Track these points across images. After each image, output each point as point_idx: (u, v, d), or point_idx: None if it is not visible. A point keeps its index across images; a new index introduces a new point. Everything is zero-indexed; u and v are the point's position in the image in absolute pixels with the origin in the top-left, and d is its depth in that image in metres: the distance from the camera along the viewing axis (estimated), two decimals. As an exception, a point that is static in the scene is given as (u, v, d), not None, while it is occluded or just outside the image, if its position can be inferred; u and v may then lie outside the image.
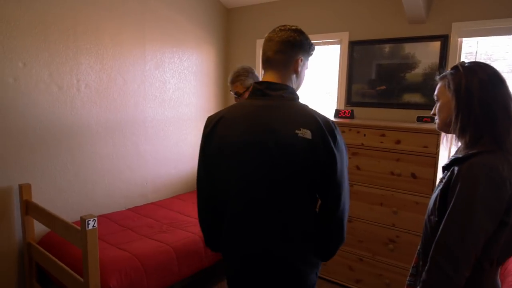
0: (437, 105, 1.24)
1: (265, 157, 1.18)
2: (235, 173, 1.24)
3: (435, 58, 2.78)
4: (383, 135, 2.60)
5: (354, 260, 2.82)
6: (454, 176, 1.09)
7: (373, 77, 3.09)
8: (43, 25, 2.49)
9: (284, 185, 1.19)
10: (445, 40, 2.72)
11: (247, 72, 2.19)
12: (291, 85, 1.27)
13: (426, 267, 1.10)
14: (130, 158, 3.17)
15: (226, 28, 3.99)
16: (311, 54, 1.34)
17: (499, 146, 1.07)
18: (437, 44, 2.77)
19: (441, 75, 1.22)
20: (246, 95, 1.93)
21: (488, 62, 2.31)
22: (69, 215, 2.73)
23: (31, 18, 2.42)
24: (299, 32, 1.27)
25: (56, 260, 2.15)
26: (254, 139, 1.20)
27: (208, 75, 3.84)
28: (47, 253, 2.26)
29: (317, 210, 1.28)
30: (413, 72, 2.89)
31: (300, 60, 1.27)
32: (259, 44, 3.75)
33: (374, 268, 2.72)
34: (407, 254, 2.56)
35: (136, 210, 3.08)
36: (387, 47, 2.99)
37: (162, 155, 3.46)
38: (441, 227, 1.08)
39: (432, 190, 2.44)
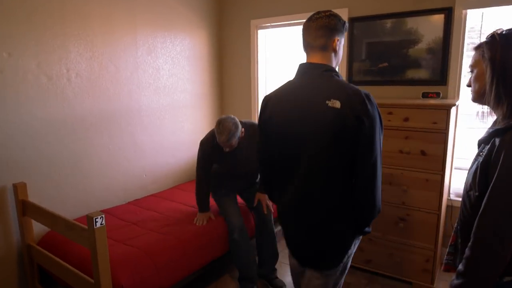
0: (472, 75, 1.20)
1: (306, 131, 1.37)
2: (280, 145, 1.48)
3: (439, 32, 2.71)
4: (390, 113, 2.54)
5: (364, 241, 2.79)
6: (496, 148, 1.05)
7: (375, 54, 3.00)
8: (27, 11, 2.30)
9: (320, 154, 1.36)
10: (449, 13, 2.65)
11: (236, 126, 2.34)
12: (330, 63, 1.44)
13: (470, 243, 1.08)
14: (127, 149, 3.04)
15: (219, 9, 3.82)
16: (345, 31, 1.49)
17: None
18: (440, 17, 2.69)
19: (477, 44, 1.17)
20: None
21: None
22: (69, 213, 2.61)
23: (14, 4, 2.23)
24: (333, 16, 1.42)
25: (61, 261, 2.05)
26: (295, 113, 1.41)
27: (201, 60, 3.69)
28: (50, 254, 2.15)
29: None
30: (416, 47, 2.82)
31: (336, 40, 1.43)
32: (253, 25, 3.61)
33: (385, 248, 2.70)
34: (417, 232, 2.54)
35: (137, 203, 2.98)
36: (388, 23, 2.91)
37: (159, 144, 3.33)
38: (485, 201, 1.05)
39: (443, 167, 2.41)
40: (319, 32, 1.41)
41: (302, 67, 1.48)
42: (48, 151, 2.50)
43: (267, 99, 1.55)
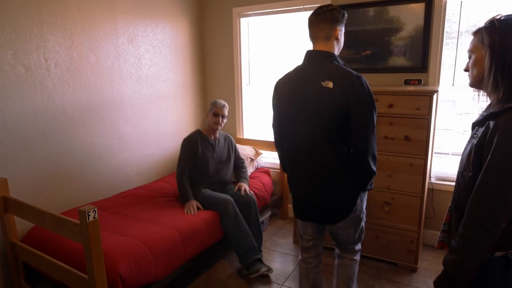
0: (470, 60, 1.21)
1: (305, 107, 1.63)
2: (288, 119, 1.73)
3: (419, 21, 2.78)
4: (375, 100, 2.58)
5: (350, 225, 2.87)
6: (490, 131, 1.09)
7: (358, 42, 3.05)
8: (0, -3, 2.17)
9: (320, 127, 1.60)
10: (429, 1, 2.71)
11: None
12: (333, 50, 1.68)
13: (463, 221, 1.12)
14: (110, 142, 2.96)
15: (198, -3, 3.75)
16: (345, 21, 1.70)
17: None
18: (421, 6, 2.76)
19: (475, 30, 1.18)
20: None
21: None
22: (51, 208, 2.52)
23: (-15, -11, 2.11)
24: (334, 9, 1.64)
25: (51, 258, 1.98)
26: (298, 92, 1.67)
27: (184, 49, 3.62)
28: (37, 251, 2.07)
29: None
30: (398, 35, 2.88)
31: (338, 30, 1.66)
32: (236, 12, 3.57)
33: (371, 231, 2.78)
34: (402, 214, 2.64)
35: (124, 196, 2.92)
36: (371, 11, 2.95)
37: (143, 135, 3.27)
38: (478, 181, 1.09)
39: (426, 151, 2.50)
40: (322, 25, 1.64)
41: (308, 54, 1.71)
42: (28, 144, 2.40)
43: (278, 82, 1.79)
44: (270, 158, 3.74)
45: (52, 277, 2.11)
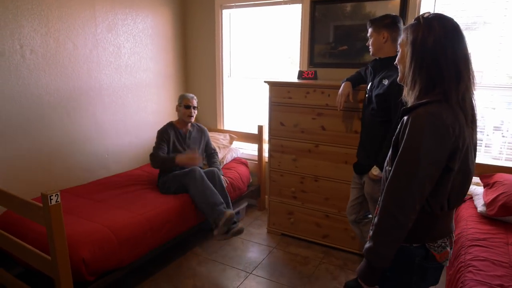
0: (398, 55, 1.23)
1: None
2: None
3: (395, 17, 2.80)
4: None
5: (321, 217, 2.93)
6: (402, 126, 1.13)
7: (335, 37, 3.08)
8: (-27, -18, 2.19)
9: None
10: (404, -2, 2.74)
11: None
12: None
13: (378, 211, 1.17)
14: (88, 129, 2.99)
15: (182, -13, 3.75)
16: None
17: (445, 98, 1.09)
18: (396, 3, 2.79)
19: (405, 26, 1.20)
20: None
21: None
22: (27, 194, 2.56)
23: (-43, -27, 2.12)
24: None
25: (18, 240, 2.03)
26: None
27: (165, 39, 3.64)
28: (6, 234, 2.12)
29: None
30: (374, 31, 2.91)
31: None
32: (218, 4, 3.58)
33: (340, 223, 2.85)
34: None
35: (100, 183, 2.96)
36: (348, 6, 2.97)
37: (122, 124, 3.30)
38: (390, 174, 1.14)
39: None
40: None
41: None
42: (2, 131, 2.43)
43: None
44: (250, 150, 3.79)
45: (22, 261, 2.16)
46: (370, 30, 2.19)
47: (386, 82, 2.07)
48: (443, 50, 1.08)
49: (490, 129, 2.73)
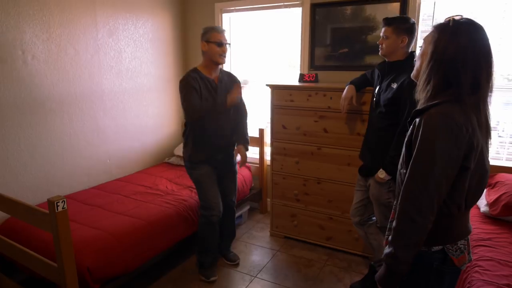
0: (420, 51, 1.23)
1: None
2: None
3: (395, 19, 2.82)
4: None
5: (324, 219, 2.94)
6: (415, 128, 1.13)
7: (335, 40, 3.10)
8: (-25, -12, 2.18)
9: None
10: (404, 1, 2.76)
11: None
12: None
13: (396, 215, 1.17)
14: (89, 134, 2.99)
15: (181, -9, 3.76)
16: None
17: (456, 99, 1.10)
18: (397, 6, 2.81)
19: (437, 24, 1.18)
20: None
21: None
22: (29, 200, 2.55)
23: (-41, -20, 2.11)
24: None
25: (23, 247, 2.02)
26: None
27: (165, 43, 3.64)
28: (11, 241, 2.10)
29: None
30: (374, 34, 2.93)
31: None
32: (218, 8, 3.59)
33: (344, 225, 2.86)
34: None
35: (102, 188, 2.95)
36: (348, 9, 2.99)
37: (123, 128, 3.29)
38: (406, 177, 1.14)
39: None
40: None
41: None
42: (4, 136, 2.42)
43: None
44: (251, 153, 3.78)
45: (25, 267, 2.14)
46: (388, 29, 2.09)
47: (394, 85, 2.07)
48: (465, 58, 1.08)
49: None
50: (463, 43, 1.09)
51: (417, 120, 1.13)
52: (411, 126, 1.17)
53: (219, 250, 2.79)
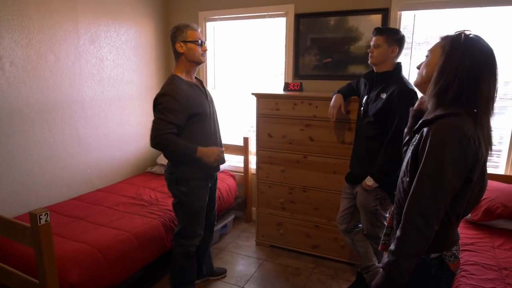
0: (426, 60, 1.25)
1: None
2: None
3: (377, 31, 2.90)
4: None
5: (310, 227, 2.95)
6: (423, 138, 1.15)
7: (319, 50, 3.15)
8: (-50, -9, 2.08)
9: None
10: (386, 13, 2.85)
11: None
12: None
13: (401, 224, 1.17)
14: (69, 143, 2.89)
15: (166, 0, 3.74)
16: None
17: (465, 111, 1.12)
18: (378, 17, 2.89)
19: (445, 35, 1.21)
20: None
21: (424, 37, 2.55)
22: (5, 212, 2.43)
23: None
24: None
25: (1, 264, 1.91)
26: None
27: (148, 51, 3.59)
28: (-14, 257, 1.99)
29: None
30: (357, 44, 3.00)
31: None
32: (202, 16, 3.59)
33: (330, 233, 2.87)
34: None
35: (82, 199, 2.85)
36: (332, 20, 3.06)
37: (105, 137, 3.21)
38: (413, 186, 1.15)
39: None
40: None
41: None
42: (-21, 146, 2.30)
43: None
44: (235, 162, 3.77)
45: (3, 285, 2.03)
46: (379, 38, 2.13)
47: (384, 96, 2.12)
48: (479, 72, 1.11)
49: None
50: (477, 57, 1.11)
51: (425, 130, 1.14)
52: (418, 136, 1.18)
53: (207, 271, 2.64)
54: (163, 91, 2.03)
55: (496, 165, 2.78)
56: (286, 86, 3.16)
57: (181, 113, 2.01)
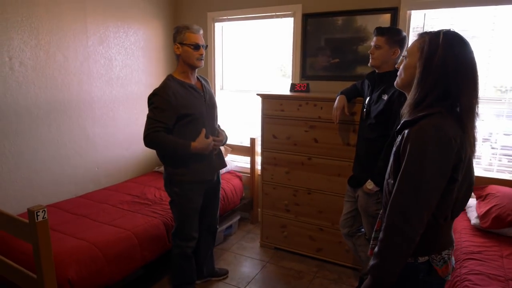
0: (404, 62, 1.20)
1: None
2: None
3: (385, 31, 2.83)
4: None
5: (315, 230, 2.90)
6: (404, 139, 1.11)
7: (327, 50, 3.10)
8: (-39, -6, 2.16)
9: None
10: (395, 13, 2.78)
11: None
12: None
13: (383, 226, 1.14)
14: (78, 142, 2.94)
15: (175, 0, 3.76)
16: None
17: (446, 111, 1.09)
18: (387, 17, 2.82)
19: (421, 33, 1.17)
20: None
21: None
22: (13, 208, 2.50)
23: None
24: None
25: (2, 257, 1.96)
26: None
27: (157, 51, 3.63)
28: (-10, 251, 2.05)
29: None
30: (365, 44, 2.94)
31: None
32: (210, 17, 3.60)
33: (334, 236, 2.82)
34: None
35: (89, 197, 2.90)
36: (340, 20, 3.00)
37: (113, 137, 3.25)
38: (395, 187, 1.12)
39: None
40: None
41: None
42: (-12, 143, 2.38)
43: None
44: (242, 163, 3.76)
45: (4, 278, 2.08)
46: (380, 39, 2.07)
47: (385, 97, 2.06)
48: (461, 70, 1.08)
49: (479, 140, 2.75)
50: (459, 55, 1.09)
51: (406, 131, 1.12)
52: (400, 137, 1.15)
53: (208, 272, 2.63)
54: (155, 90, 2.08)
55: (509, 170, 2.67)
56: (293, 87, 3.12)
57: (169, 112, 2.03)
